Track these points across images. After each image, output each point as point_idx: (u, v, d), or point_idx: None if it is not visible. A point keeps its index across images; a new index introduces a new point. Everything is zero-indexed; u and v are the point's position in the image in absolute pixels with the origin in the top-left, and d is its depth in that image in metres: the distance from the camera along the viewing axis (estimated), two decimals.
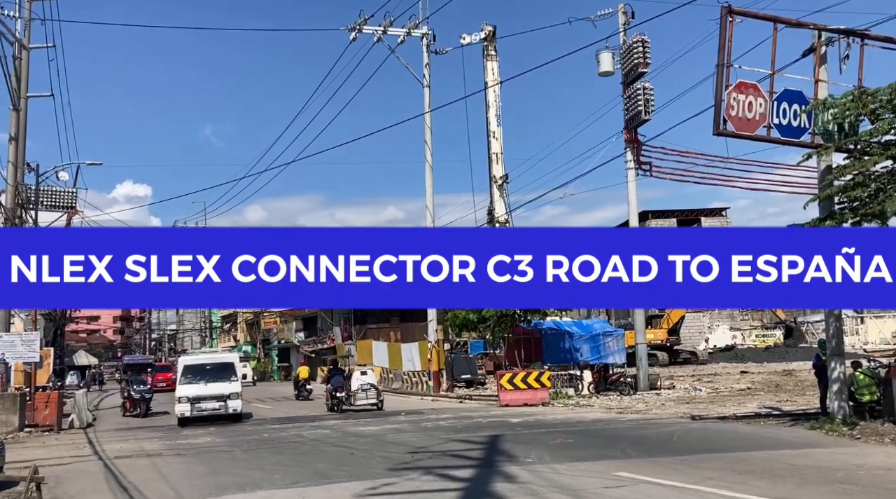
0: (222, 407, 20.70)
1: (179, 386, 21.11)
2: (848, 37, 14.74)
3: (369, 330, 46.03)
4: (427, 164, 30.55)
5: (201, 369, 21.59)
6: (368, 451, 13.84)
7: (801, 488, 9.05)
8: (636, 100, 24.68)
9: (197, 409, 20.56)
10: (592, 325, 31.55)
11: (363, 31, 29.41)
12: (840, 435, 13.28)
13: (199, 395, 20.70)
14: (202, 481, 11.90)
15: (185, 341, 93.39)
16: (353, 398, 22.82)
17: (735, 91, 14.15)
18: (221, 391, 20.84)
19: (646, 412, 19.09)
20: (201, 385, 20.94)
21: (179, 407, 20.66)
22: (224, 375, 21.34)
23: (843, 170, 14.14)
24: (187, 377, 21.29)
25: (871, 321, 41.03)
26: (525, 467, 11.12)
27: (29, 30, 22.85)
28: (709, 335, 47.28)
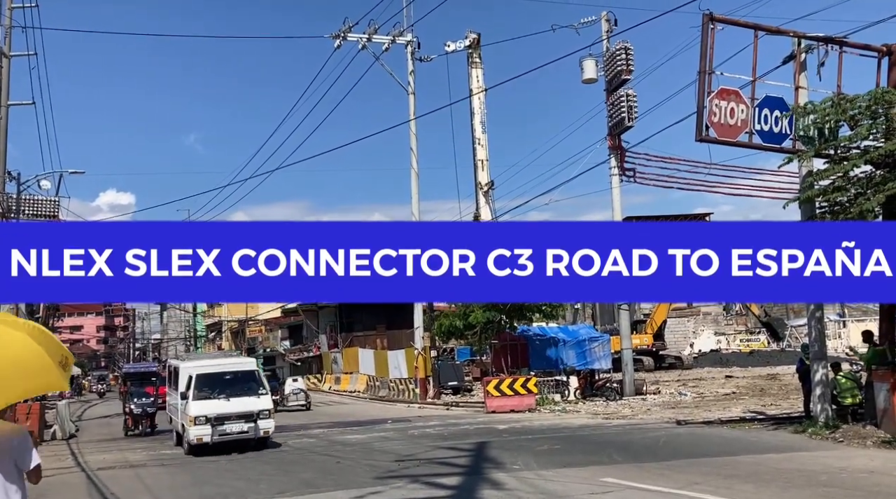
0: (251, 429, 15.86)
1: (193, 402, 15.90)
2: (827, 44, 14.94)
3: (356, 338, 45.88)
4: (413, 170, 30.57)
5: (218, 380, 16.67)
6: (355, 459, 13.78)
7: (786, 491, 9.11)
8: (620, 107, 24.86)
9: (220, 432, 15.62)
10: (578, 330, 31.64)
11: (348, 38, 29.43)
12: (823, 438, 13.39)
13: (223, 413, 15.76)
14: (186, 491, 11.80)
15: (168, 350, 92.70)
16: (286, 400, 28.14)
17: (717, 98, 14.29)
18: (250, 408, 16.01)
19: (632, 418, 19.14)
20: (222, 401, 16.00)
21: (196, 431, 15.59)
22: (248, 386, 16.65)
23: (823, 173, 14.31)
24: (202, 391, 16.23)
25: (853, 325, 41.43)
26: (512, 473, 11.11)
27: (9, 37, 22.69)
28: (693, 340, 47.55)
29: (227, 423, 15.71)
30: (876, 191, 13.00)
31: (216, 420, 15.64)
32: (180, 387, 17.00)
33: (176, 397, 17.68)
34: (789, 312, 47.65)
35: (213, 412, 15.71)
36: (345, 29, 29.27)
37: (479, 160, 30.95)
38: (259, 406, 16.13)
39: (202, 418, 15.67)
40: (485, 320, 27.63)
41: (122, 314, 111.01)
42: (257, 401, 16.28)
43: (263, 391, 16.66)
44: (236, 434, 15.80)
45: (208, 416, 15.68)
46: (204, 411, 15.77)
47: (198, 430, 15.65)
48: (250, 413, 15.97)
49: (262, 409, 16.12)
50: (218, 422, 15.65)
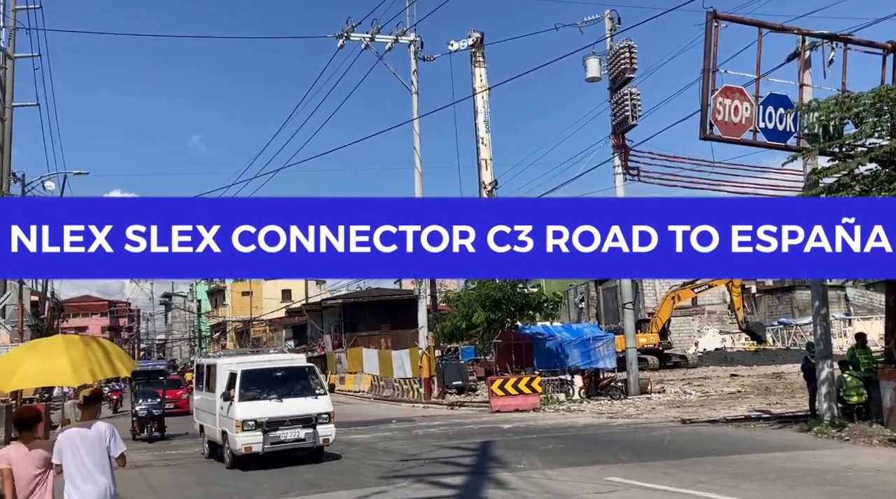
0: (309, 436, 13.43)
1: (239, 404, 13.40)
2: (831, 41, 14.89)
3: (360, 337, 45.89)
4: (416, 170, 30.54)
5: (268, 378, 14.13)
6: (359, 459, 13.78)
7: (792, 490, 9.08)
8: (623, 105, 24.79)
9: (272, 440, 13.22)
10: (582, 329, 31.58)
11: (351, 38, 29.40)
12: (829, 437, 13.35)
13: (275, 417, 13.32)
14: (191, 492, 11.83)
15: (173, 351, 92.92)
16: None
17: (721, 96, 14.25)
18: (308, 411, 13.58)
19: (636, 417, 19.11)
20: (274, 402, 13.52)
21: (244, 438, 13.11)
22: (303, 385, 14.12)
23: (828, 171, 14.26)
24: (249, 390, 13.69)
25: (858, 323, 41.28)
26: (517, 473, 11.10)
27: (13, 39, 22.75)
28: (698, 339, 47.44)
29: (281, 429, 13.27)
30: (881, 189, 12.94)
31: (268, 425, 13.17)
32: (218, 388, 14.34)
33: (211, 399, 14.85)
34: (794, 310, 47.53)
35: (265, 416, 13.21)
36: (348, 29, 29.25)
37: (483, 159, 30.96)
38: (318, 408, 13.66)
39: (251, 423, 13.13)
40: (488, 320, 27.64)
41: (126, 315, 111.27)
42: (315, 402, 13.76)
43: (321, 391, 14.15)
44: (291, 442, 13.35)
45: (258, 420, 13.14)
46: (253, 414, 13.21)
47: (246, 437, 13.09)
48: (308, 417, 13.48)
49: (322, 411, 13.66)
50: (270, 427, 13.18)
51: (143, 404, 20.15)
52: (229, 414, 13.51)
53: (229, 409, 13.56)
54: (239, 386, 13.58)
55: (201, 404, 16.13)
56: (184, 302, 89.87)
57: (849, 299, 47.86)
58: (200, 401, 16.31)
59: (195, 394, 16.71)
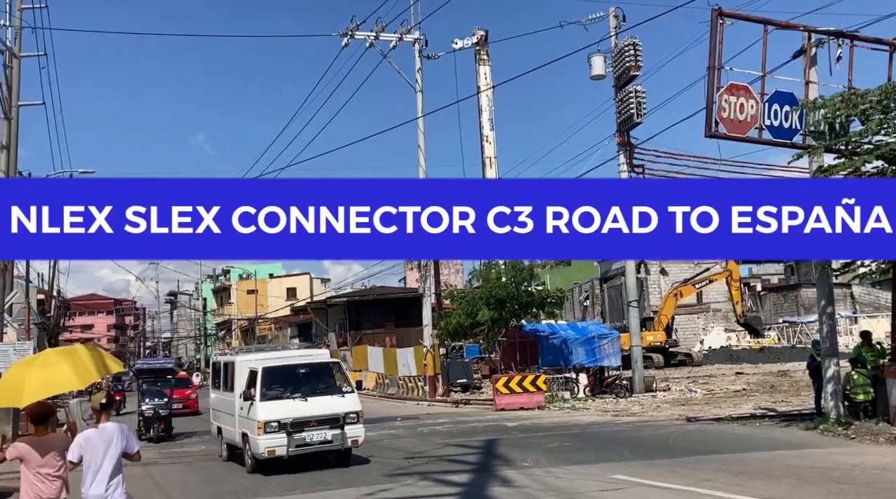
0: (336, 437, 12.52)
1: (261, 404, 12.51)
2: (837, 38, 14.82)
3: (364, 335, 45.94)
4: (421, 168, 30.53)
5: (291, 376, 13.18)
6: (364, 457, 13.81)
7: (798, 488, 9.06)
8: (628, 103, 24.74)
9: (297, 442, 12.33)
10: (587, 327, 31.53)
11: (355, 36, 29.39)
12: (835, 435, 13.31)
13: (300, 418, 12.41)
14: (198, 489, 11.87)
15: (179, 349, 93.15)
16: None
17: (726, 93, 14.20)
18: (335, 410, 12.68)
19: (642, 415, 19.09)
20: (298, 402, 12.62)
21: (267, 441, 12.20)
22: (328, 383, 13.30)
23: (834, 169, 14.20)
24: (272, 389, 12.79)
25: (864, 321, 41.12)
26: (521, 470, 11.10)
27: (19, 38, 22.78)
28: (703, 337, 47.33)
29: (307, 430, 12.39)
30: None
31: (292, 427, 12.28)
32: (236, 386, 13.51)
33: (229, 399, 14.05)
34: (800, 308, 47.40)
35: (289, 416, 12.31)
36: (352, 27, 29.24)
37: (488, 158, 30.91)
38: (345, 408, 12.76)
39: (274, 424, 12.22)
40: (492, 318, 27.63)
41: (132, 313, 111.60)
42: (342, 401, 12.87)
43: (349, 389, 13.31)
44: (318, 444, 12.49)
45: (282, 421, 12.24)
46: (276, 414, 12.31)
47: (269, 440, 12.18)
48: (336, 417, 12.57)
49: (350, 411, 12.75)
50: (295, 429, 12.29)
51: (150, 403, 19.69)
52: (250, 415, 12.64)
53: (250, 409, 12.68)
54: (260, 385, 12.64)
55: (218, 404, 15.28)
56: (189, 300, 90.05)
57: (854, 297, 47.69)
58: (217, 401, 15.43)
59: (211, 393, 16.13)
